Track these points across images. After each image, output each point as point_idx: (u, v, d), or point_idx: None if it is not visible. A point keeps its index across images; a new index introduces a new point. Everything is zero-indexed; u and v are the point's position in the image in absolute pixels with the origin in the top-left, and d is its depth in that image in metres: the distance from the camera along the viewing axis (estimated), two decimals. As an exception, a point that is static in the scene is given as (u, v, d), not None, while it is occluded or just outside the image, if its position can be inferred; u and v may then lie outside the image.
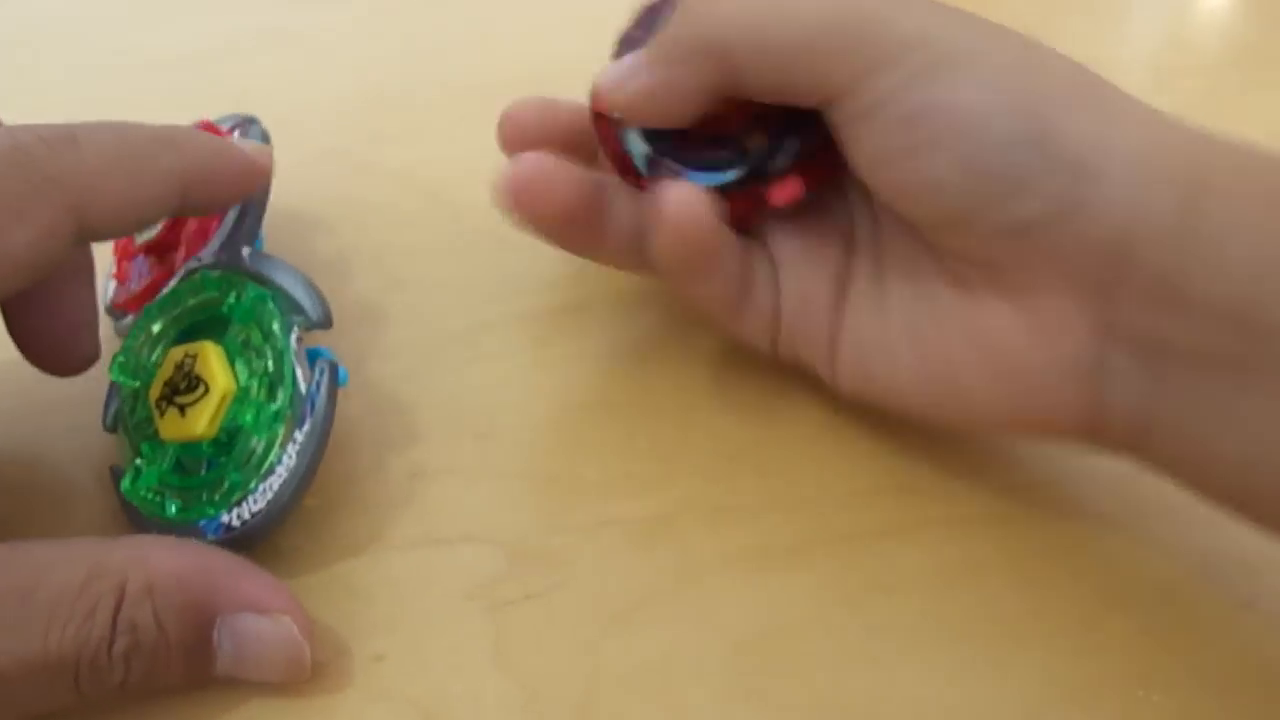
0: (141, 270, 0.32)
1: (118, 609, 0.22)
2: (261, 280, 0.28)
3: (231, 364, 0.27)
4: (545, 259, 0.35)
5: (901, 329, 0.27)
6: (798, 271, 0.29)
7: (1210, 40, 0.47)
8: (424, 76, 0.43)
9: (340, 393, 0.27)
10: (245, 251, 0.29)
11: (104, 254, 0.34)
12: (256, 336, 0.27)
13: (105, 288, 0.33)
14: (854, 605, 0.26)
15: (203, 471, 0.27)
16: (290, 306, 0.27)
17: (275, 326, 0.27)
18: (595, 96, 0.29)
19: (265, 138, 0.32)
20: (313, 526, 0.28)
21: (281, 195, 0.32)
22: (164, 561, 0.23)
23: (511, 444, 0.30)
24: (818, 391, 0.30)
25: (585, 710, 0.24)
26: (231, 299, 0.28)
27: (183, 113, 0.36)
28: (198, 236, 0.31)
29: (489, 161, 0.32)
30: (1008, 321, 0.25)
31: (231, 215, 0.31)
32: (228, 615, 0.23)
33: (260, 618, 0.24)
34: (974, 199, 0.24)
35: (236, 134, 0.33)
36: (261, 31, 0.44)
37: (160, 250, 0.32)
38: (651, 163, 0.29)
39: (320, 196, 0.36)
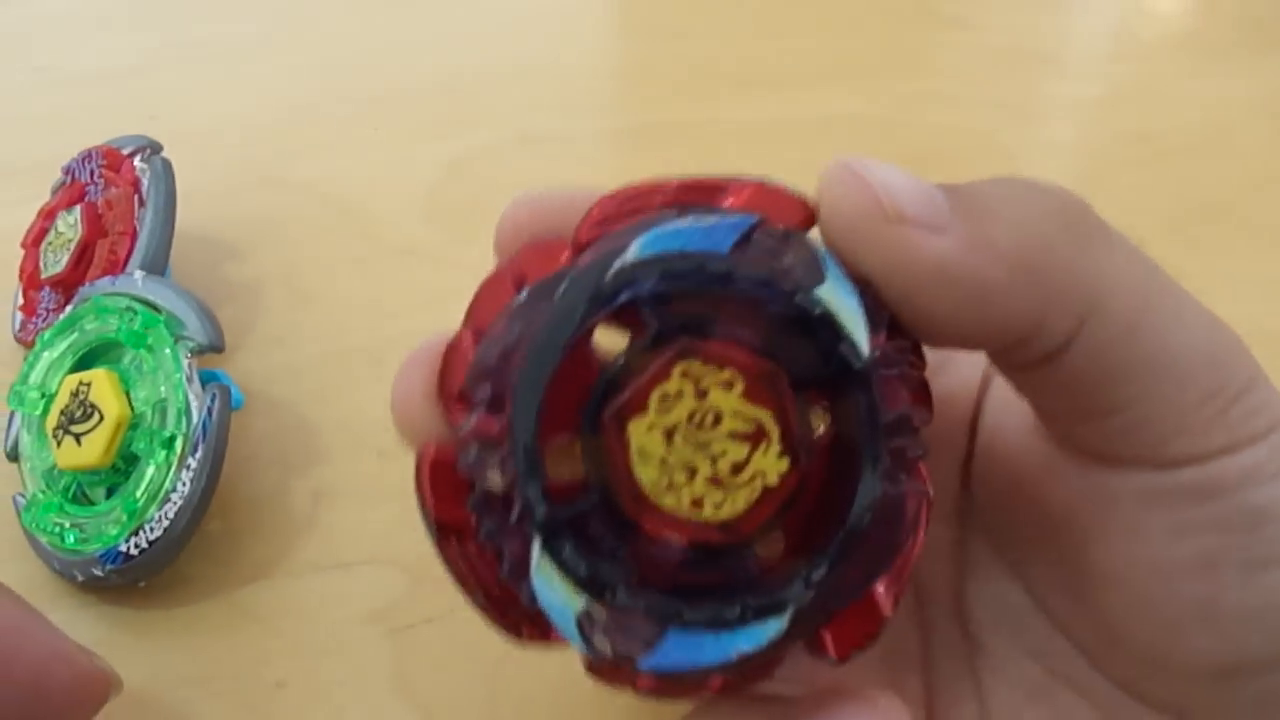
0: (48, 302, 0.32)
1: None
2: (153, 305, 0.28)
3: (126, 390, 0.27)
4: (449, 270, 0.34)
5: None
6: None
7: (1151, 27, 0.48)
8: (331, 89, 0.43)
9: (246, 414, 0.27)
10: (138, 276, 0.28)
11: (10, 282, 0.34)
12: (149, 362, 0.27)
13: (13, 319, 0.33)
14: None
15: (102, 499, 0.27)
16: (182, 331, 0.27)
17: (167, 351, 0.27)
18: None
19: (167, 164, 0.32)
20: (216, 551, 0.27)
21: (191, 217, 0.32)
22: None
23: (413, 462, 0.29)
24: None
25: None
26: (124, 325, 0.28)
27: (95, 129, 0.35)
28: (109, 267, 0.31)
29: (396, 173, 0.32)
30: None
31: (141, 244, 0.30)
32: None
33: None
34: None
35: (137, 159, 0.32)
36: (171, 46, 0.44)
37: (66, 286, 0.31)
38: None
39: (230, 216, 0.36)
